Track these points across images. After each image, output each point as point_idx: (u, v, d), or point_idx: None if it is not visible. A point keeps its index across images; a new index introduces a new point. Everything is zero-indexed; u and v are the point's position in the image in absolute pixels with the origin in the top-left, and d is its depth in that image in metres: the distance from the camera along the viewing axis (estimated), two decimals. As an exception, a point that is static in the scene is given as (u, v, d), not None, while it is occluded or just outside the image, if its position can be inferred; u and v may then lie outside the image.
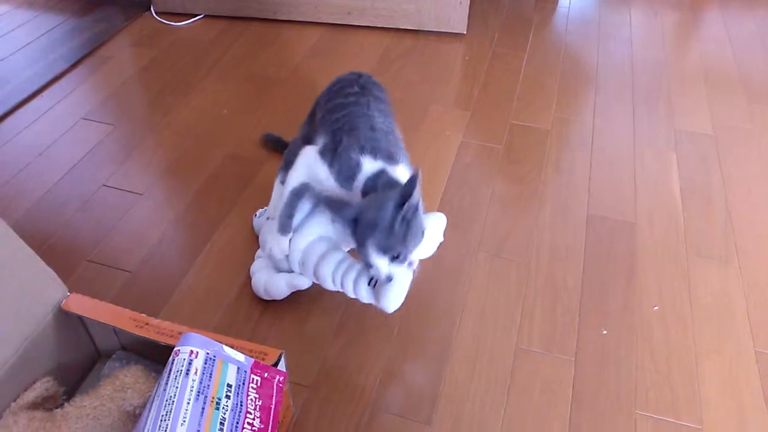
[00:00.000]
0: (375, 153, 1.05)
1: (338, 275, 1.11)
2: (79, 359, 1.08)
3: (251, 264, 1.28)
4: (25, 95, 1.79)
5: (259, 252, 1.28)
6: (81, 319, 1.03)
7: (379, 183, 1.02)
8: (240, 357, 0.89)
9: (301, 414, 1.06)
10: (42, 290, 0.97)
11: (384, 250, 0.98)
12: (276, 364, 0.91)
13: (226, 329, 1.19)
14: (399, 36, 2.08)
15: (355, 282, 1.09)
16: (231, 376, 0.86)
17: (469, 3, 1.99)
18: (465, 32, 2.06)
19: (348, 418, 1.05)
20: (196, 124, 1.71)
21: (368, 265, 1.01)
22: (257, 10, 2.11)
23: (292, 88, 1.84)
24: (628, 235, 1.39)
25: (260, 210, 1.37)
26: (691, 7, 2.32)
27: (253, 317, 1.21)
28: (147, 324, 0.98)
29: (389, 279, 1.01)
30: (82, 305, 1.01)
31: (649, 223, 1.42)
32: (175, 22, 2.13)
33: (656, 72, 1.95)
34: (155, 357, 1.02)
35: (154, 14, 2.16)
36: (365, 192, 1.03)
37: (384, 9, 2.05)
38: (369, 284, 1.08)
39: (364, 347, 1.17)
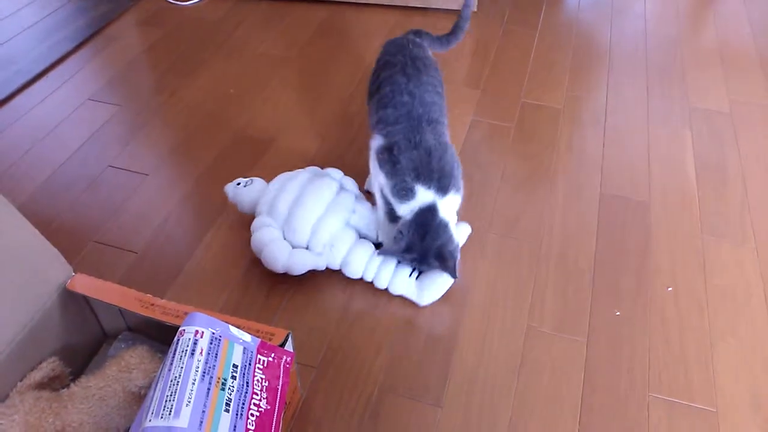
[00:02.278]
0: (428, 183, 1.11)
1: (373, 265, 1.17)
2: (85, 340, 1.07)
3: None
4: (31, 76, 1.77)
5: (262, 209, 1.25)
6: (87, 300, 1.02)
7: (429, 220, 1.10)
8: (246, 337, 0.88)
9: (308, 395, 1.05)
10: (47, 270, 0.97)
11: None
12: (283, 345, 0.90)
13: (233, 310, 1.18)
14: (407, 14, 2.04)
15: (394, 273, 1.17)
16: (237, 357, 0.84)
17: (479, -21, 1.95)
18: (475, 9, 2.02)
19: (356, 400, 1.04)
20: (203, 103, 1.69)
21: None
22: (264, -12, 2.08)
23: (300, 67, 1.81)
24: (642, 215, 1.37)
25: (240, 179, 1.32)
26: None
27: (259, 298, 1.20)
28: (152, 304, 0.97)
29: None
30: (88, 285, 1.00)
31: (662, 203, 1.39)
32: (181, 1, 2.10)
33: (670, 49, 1.91)
34: (161, 338, 1.02)
35: (159, -7, 2.14)
36: (416, 221, 1.11)
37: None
38: (410, 275, 1.17)
39: (372, 328, 1.15)
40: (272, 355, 0.88)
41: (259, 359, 0.86)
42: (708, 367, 1.09)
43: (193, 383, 0.78)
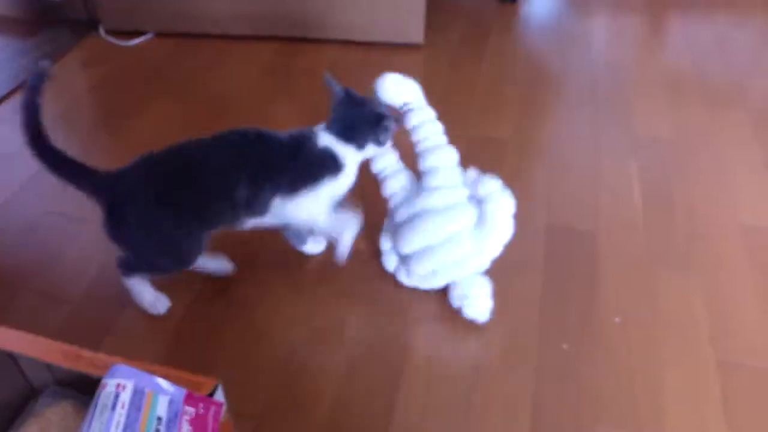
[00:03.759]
0: None
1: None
2: (10, 396, 1.01)
3: (193, 289, 1.23)
4: (-33, 119, 1.72)
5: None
6: (10, 354, 0.97)
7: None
8: (171, 388, 0.84)
9: (248, 447, 1.01)
10: None
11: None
12: (212, 395, 0.86)
13: (171, 358, 1.14)
14: (354, 48, 2.04)
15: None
16: (162, 409, 0.80)
17: (424, 13, 1.96)
18: (422, 43, 2.04)
19: (298, 449, 1.01)
20: (147, 145, 1.64)
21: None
22: (208, 26, 2.06)
23: (248, 105, 1.79)
24: (589, 245, 1.36)
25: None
26: (653, 14, 2.32)
27: (198, 344, 1.16)
28: (79, 356, 0.92)
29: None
30: (10, 339, 0.95)
31: (609, 233, 1.39)
32: (124, 41, 2.08)
33: (619, 77, 1.94)
34: (90, 391, 0.97)
35: (102, 33, 2.10)
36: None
37: (337, 21, 2.02)
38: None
39: (313, 375, 1.12)
40: (200, 405, 0.84)
41: (186, 410, 0.83)
42: (656, 397, 1.08)
43: None
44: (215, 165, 1.11)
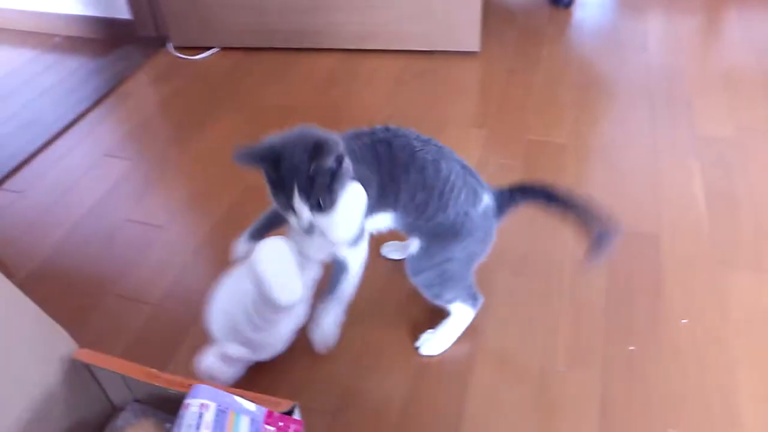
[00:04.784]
0: None
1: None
2: (93, 414, 1.05)
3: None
4: (51, 135, 1.83)
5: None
6: (92, 373, 1.02)
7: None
8: (252, 407, 0.86)
9: (324, 442, 1.05)
10: (50, 346, 0.96)
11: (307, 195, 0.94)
12: (289, 414, 0.89)
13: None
14: (413, 58, 2.08)
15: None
16: (244, 429, 0.83)
17: (480, 21, 2.00)
18: (479, 50, 2.06)
19: (372, 446, 1.04)
20: (215, 155, 1.73)
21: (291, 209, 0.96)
22: (272, 40, 2.14)
23: (310, 116, 1.85)
24: (652, 248, 1.36)
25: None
26: (708, 11, 2.29)
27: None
28: (157, 377, 0.95)
29: (311, 228, 0.98)
30: (92, 358, 0.99)
31: (673, 234, 1.39)
32: (191, 55, 2.17)
33: (675, 78, 1.92)
34: (168, 408, 0.99)
35: (171, 49, 2.21)
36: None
37: (397, 32, 2.07)
38: None
39: (385, 374, 1.15)
40: (280, 424, 0.86)
41: (267, 430, 0.84)
42: (729, 400, 1.07)
43: None
44: None
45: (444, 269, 1.12)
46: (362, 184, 1.01)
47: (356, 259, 1.10)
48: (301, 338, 1.20)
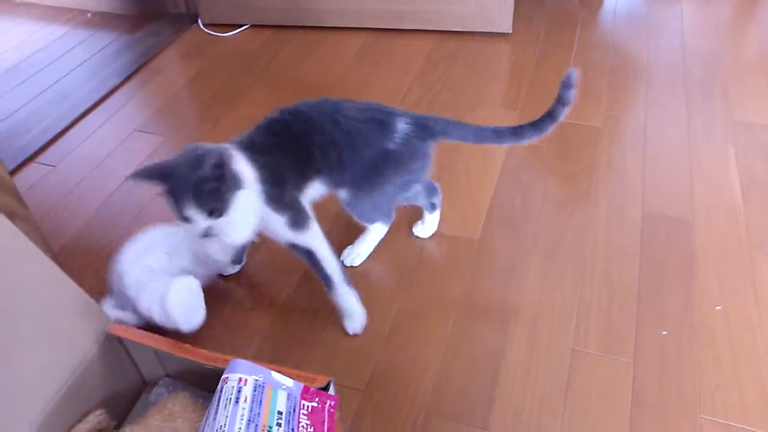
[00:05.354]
0: None
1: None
2: (126, 388, 1.07)
3: (298, 270, 1.29)
4: (82, 110, 1.85)
5: None
6: (126, 349, 1.03)
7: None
8: (289, 382, 0.86)
9: (354, 418, 1.06)
10: (86, 321, 0.98)
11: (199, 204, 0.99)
12: (325, 389, 0.89)
13: (277, 332, 1.20)
14: (444, 38, 2.07)
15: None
16: (281, 403, 0.83)
17: (513, 3, 1.97)
18: (510, 32, 2.04)
19: (403, 423, 1.05)
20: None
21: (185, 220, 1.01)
22: (302, 18, 2.13)
23: (339, 93, 1.84)
24: (686, 233, 1.35)
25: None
26: (746, -4, 2.24)
27: (305, 321, 1.22)
28: (191, 351, 0.97)
29: (207, 233, 1.02)
30: (126, 333, 1.01)
31: (707, 220, 1.37)
32: (221, 33, 2.17)
33: (711, 63, 1.89)
34: (201, 384, 1.02)
35: (201, 26, 2.20)
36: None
37: (428, 11, 2.05)
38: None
39: (416, 351, 1.16)
40: (316, 400, 0.86)
41: (304, 405, 0.85)
42: (764, 388, 1.06)
43: None
44: None
45: (378, 201, 1.23)
46: (275, 171, 1.07)
47: (315, 239, 1.14)
48: (332, 315, 1.21)
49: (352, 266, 1.32)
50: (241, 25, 2.18)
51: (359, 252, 1.33)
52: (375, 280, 1.30)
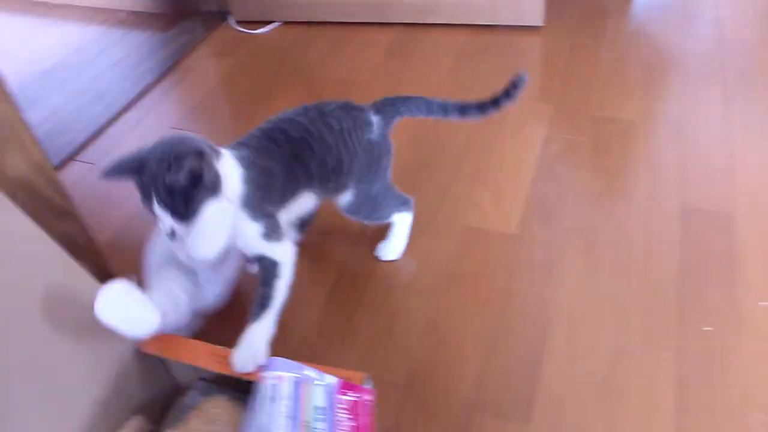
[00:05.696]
0: None
1: None
2: (160, 392, 1.06)
3: (335, 270, 1.30)
4: (119, 108, 1.88)
5: None
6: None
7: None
8: (326, 379, 0.88)
9: (396, 414, 1.07)
10: None
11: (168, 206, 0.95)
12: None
13: (319, 328, 1.21)
14: (475, 32, 2.06)
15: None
16: (319, 399, 0.85)
17: (545, -6, 1.96)
18: (542, 25, 2.02)
19: (445, 418, 1.05)
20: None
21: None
22: (332, 14, 2.14)
23: (371, 89, 1.85)
24: (728, 227, 1.33)
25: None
26: (784, -16, 2.19)
27: (343, 317, 1.23)
28: (226, 358, 0.96)
29: (173, 234, 0.97)
30: (160, 342, 1.00)
31: (750, 214, 1.35)
32: (252, 30, 2.18)
33: (750, 53, 1.85)
34: (235, 386, 1.00)
35: (232, 23, 2.22)
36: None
37: (458, 5, 2.04)
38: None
39: (456, 346, 1.16)
40: (353, 394, 0.87)
41: (341, 400, 0.86)
42: (810, 384, 1.05)
43: (282, 429, 0.79)
44: None
45: (374, 198, 1.23)
46: (264, 174, 1.04)
47: (285, 256, 1.06)
48: (369, 313, 1.22)
49: (388, 260, 1.33)
50: (272, 22, 2.20)
51: (393, 246, 1.33)
52: (412, 275, 1.31)
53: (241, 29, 2.20)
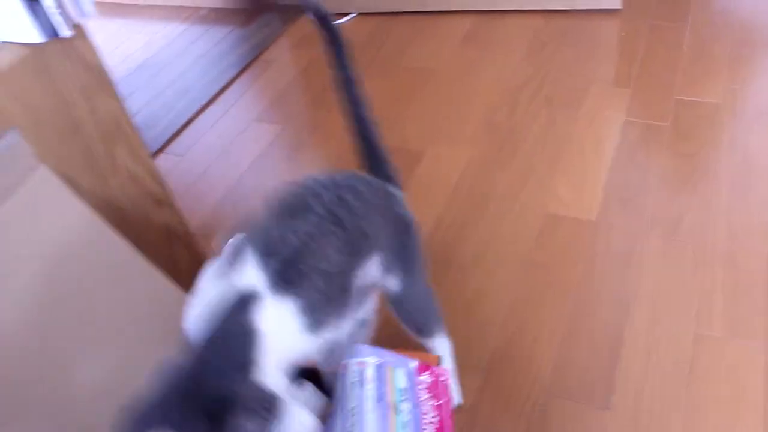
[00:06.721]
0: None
1: None
2: None
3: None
4: (203, 102, 1.97)
5: None
6: None
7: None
8: (404, 361, 0.91)
9: (475, 398, 1.09)
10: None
11: None
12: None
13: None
14: (551, 17, 2.03)
15: None
16: (401, 380, 0.88)
17: (623, -24, 1.91)
18: (620, 7, 1.98)
19: (523, 403, 1.08)
20: (357, 119, 1.79)
21: None
22: (408, 3, 2.16)
23: (449, 78, 1.87)
24: (820, 213, 1.28)
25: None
26: None
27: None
28: None
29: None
30: None
31: None
32: (329, 22, 2.23)
33: None
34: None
35: (310, 16, 2.27)
36: None
37: (534, -9, 2.02)
38: None
39: (535, 332, 1.18)
40: (431, 374, 0.91)
41: (420, 380, 0.90)
42: None
43: (371, 412, 0.83)
44: None
45: (423, 284, 0.98)
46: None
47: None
48: (449, 297, 1.25)
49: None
50: (349, 13, 2.24)
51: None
52: (491, 262, 1.32)
53: (318, 22, 2.25)
